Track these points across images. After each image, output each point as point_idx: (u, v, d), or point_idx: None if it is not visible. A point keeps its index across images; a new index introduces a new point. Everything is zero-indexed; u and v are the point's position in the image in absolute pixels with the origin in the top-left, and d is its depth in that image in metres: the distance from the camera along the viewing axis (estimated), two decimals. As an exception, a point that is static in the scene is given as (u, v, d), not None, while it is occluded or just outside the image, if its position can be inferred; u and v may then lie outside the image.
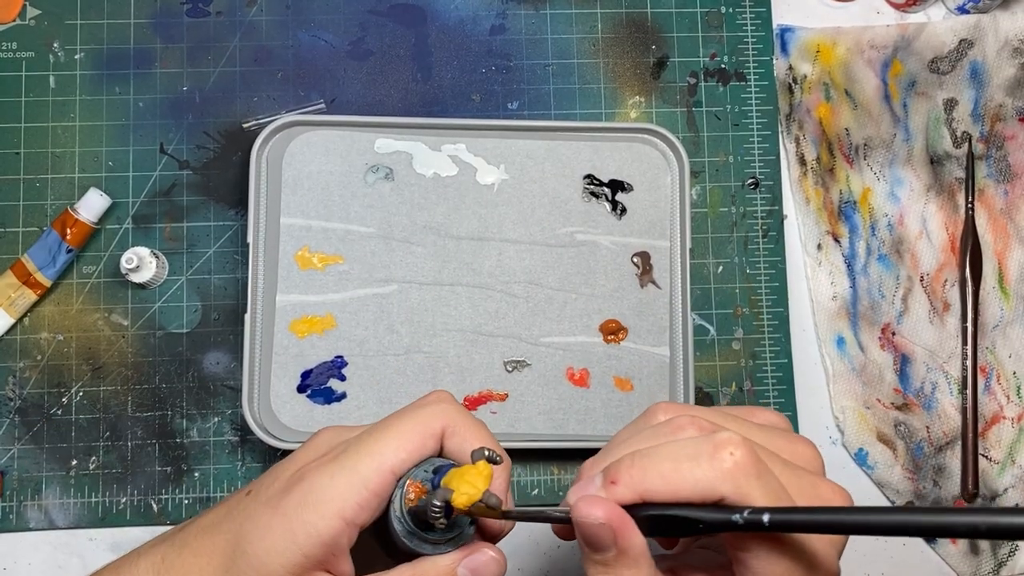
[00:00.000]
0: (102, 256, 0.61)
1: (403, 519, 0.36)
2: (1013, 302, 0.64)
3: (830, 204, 0.65)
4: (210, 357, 0.61)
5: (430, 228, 0.60)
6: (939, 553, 0.63)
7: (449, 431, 0.37)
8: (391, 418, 0.37)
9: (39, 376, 0.60)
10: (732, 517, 0.30)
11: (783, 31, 0.66)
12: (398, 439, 0.35)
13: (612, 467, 0.32)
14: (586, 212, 0.61)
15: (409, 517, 0.36)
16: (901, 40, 0.65)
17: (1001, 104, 0.64)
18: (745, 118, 0.66)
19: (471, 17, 0.65)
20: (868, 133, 0.65)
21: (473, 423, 0.37)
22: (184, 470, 0.60)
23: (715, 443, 0.31)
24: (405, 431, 0.36)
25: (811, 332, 0.65)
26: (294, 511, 0.34)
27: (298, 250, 0.59)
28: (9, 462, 0.59)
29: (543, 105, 0.65)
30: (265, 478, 0.37)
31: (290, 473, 0.36)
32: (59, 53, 0.62)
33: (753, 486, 0.30)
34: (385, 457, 0.35)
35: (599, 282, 0.61)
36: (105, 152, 0.62)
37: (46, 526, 0.59)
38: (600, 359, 0.60)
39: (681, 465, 0.31)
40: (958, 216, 0.64)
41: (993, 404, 0.63)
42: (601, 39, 0.66)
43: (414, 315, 0.59)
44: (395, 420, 0.37)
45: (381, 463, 0.35)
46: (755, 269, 0.64)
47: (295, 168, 0.59)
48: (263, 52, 0.64)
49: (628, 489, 0.31)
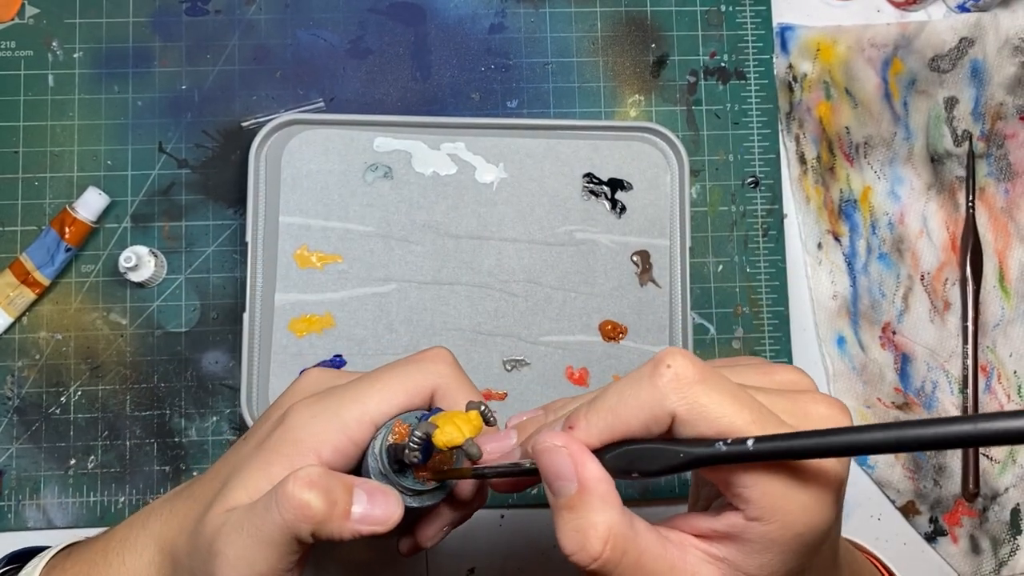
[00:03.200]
0: (101, 255, 0.61)
1: (379, 457, 0.35)
2: (1014, 301, 0.63)
3: (830, 203, 0.65)
4: (209, 356, 0.61)
5: (429, 227, 0.60)
6: (940, 553, 0.63)
7: (440, 393, 0.36)
8: (383, 369, 0.36)
9: (37, 375, 0.60)
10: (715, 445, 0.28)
11: (783, 29, 0.66)
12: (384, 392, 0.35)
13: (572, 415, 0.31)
14: (585, 211, 0.61)
15: (386, 454, 0.35)
16: (901, 38, 0.65)
17: (1002, 102, 0.64)
18: (745, 117, 0.65)
19: (470, 15, 0.65)
20: (868, 132, 0.65)
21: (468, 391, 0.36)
22: (183, 469, 0.60)
23: (654, 362, 0.29)
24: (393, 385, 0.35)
25: (811, 331, 0.65)
26: (273, 447, 0.34)
27: (297, 249, 0.59)
28: (7, 461, 0.59)
29: (542, 104, 0.64)
30: (258, 422, 0.38)
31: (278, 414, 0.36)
32: (58, 52, 0.62)
33: (699, 392, 0.28)
34: (367, 408, 0.35)
35: (598, 281, 0.61)
36: (104, 151, 0.62)
37: (44, 525, 0.59)
38: (599, 358, 0.60)
39: (625, 394, 0.29)
40: (959, 215, 0.64)
41: (994, 403, 0.63)
42: (600, 37, 0.65)
43: (413, 314, 0.59)
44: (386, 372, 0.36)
45: (363, 413, 0.34)
46: (755, 268, 0.64)
47: (294, 167, 0.59)
48: (262, 51, 0.64)
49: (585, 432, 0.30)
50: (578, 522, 0.29)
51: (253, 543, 0.32)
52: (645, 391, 0.29)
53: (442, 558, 0.60)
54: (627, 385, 0.29)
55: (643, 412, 0.29)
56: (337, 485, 0.33)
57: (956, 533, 0.63)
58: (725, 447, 0.28)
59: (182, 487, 0.39)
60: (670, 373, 0.28)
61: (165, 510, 0.37)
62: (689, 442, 0.29)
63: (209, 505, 0.35)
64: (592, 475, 0.29)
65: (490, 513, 0.61)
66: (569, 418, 0.31)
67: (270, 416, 0.37)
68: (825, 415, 0.30)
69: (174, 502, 0.38)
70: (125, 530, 0.38)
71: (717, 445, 0.28)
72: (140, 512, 0.39)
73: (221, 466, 0.37)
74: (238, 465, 0.35)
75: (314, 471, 0.32)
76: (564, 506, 0.30)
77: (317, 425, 0.34)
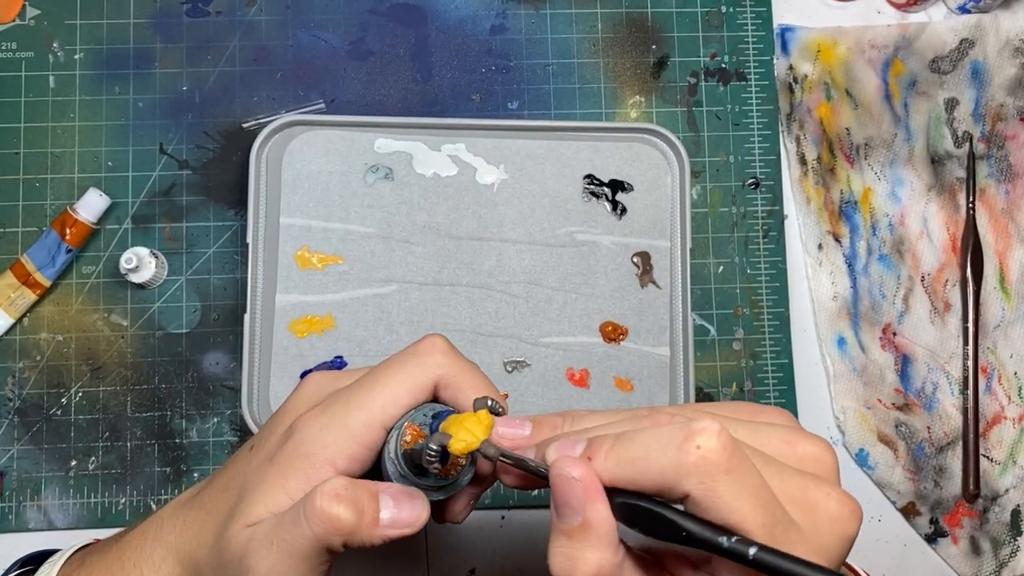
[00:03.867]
0: (101, 256, 0.61)
1: (397, 461, 0.35)
2: (1014, 302, 0.63)
3: (831, 204, 0.65)
4: (209, 357, 0.61)
5: (430, 228, 0.60)
6: (940, 554, 0.63)
7: (443, 383, 0.36)
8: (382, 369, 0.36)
9: (38, 376, 0.60)
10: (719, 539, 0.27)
11: (784, 31, 0.66)
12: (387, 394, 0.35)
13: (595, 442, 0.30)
14: (586, 212, 0.61)
15: (403, 459, 0.35)
16: (902, 40, 0.65)
17: (1002, 104, 0.64)
18: (746, 118, 0.65)
19: (471, 17, 0.65)
20: (869, 133, 0.65)
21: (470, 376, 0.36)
22: (183, 471, 0.60)
23: (687, 431, 0.28)
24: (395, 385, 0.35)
25: (812, 332, 0.65)
26: (287, 462, 0.35)
27: (297, 250, 0.59)
28: (8, 462, 0.59)
29: (543, 105, 0.65)
30: (263, 432, 0.38)
31: (284, 427, 0.36)
32: (59, 53, 0.62)
33: (721, 483, 0.27)
34: (374, 413, 0.35)
35: (599, 282, 0.61)
36: (104, 152, 0.62)
37: (45, 527, 0.59)
38: (600, 359, 0.60)
39: (651, 452, 0.29)
40: (959, 216, 0.64)
41: (994, 404, 0.63)
42: (601, 39, 0.65)
43: (414, 315, 0.59)
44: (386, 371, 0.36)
45: (370, 418, 0.35)
46: (755, 269, 0.64)
47: (295, 168, 0.59)
48: (263, 52, 0.64)
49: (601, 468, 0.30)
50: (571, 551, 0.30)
51: (284, 557, 0.33)
52: (669, 460, 0.28)
53: (442, 558, 0.60)
54: (655, 443, 0.29)
55: (661, 479, 0.28)
56: (363, 494, 0.33)
57: (956, 534, 0.63)
58: (727, 543, 0.27)
59: (190, 495, 0.39)
60: (697, 454, 0.28)
61: (178, 521, 0.38)
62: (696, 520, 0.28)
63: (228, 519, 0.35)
64: (598, 516, 0.29)
65: (490, 514, 0.61)
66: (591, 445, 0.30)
67: (275, 428, 0.37)
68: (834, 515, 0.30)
69: (186, 513, 0.38)
70: (139, 538, 0.38)
71: (721, 539, 0.28)
72: (151, 520, 0.39)
73: (230, 477, 0.37)
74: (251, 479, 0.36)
75: (339, 483, 0.33)
76: (563, 531, 0.30)
77: (327, 437, 0.35)
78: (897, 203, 0.65)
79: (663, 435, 0.29)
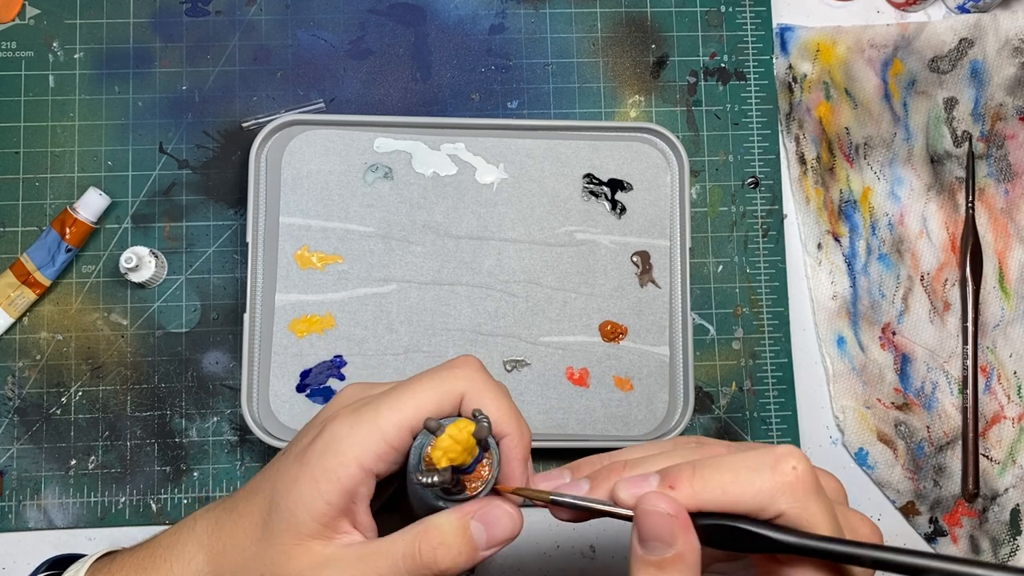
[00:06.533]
0: (101, 255, 0.61)
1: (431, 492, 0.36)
2: (1013, 301, 0.63)
3: (830, 203, 0.65)
4: (209, 357, 0.61)
5: (429, 227, 0.60)
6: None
7: (468, 397, 0.37)
8: (415, 378, 0.38)
9: (38, 376, 0.60)
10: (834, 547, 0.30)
11: (783, 30, 0.66)
12: (417, 399, 0.36)
13: (671, 472, 0.32)
14: (585, 211, 0.61)
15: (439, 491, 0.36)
16: (901, 39, 0.65)
17: (1001, 103, 0.64)
18: (745, 117, 0.65)
19: (470, 16, 0.65)
20: (868, 132, 0.65)
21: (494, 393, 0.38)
22: (183, 470, 0.60)
23: (776, 455, 0.31)
24: (425, 391, 0.37)
25: (811, 332, 0.65)
26: (316, 460, 0.35)
27: (297, 249, 0.59)
28: (8, 462, 0.59)
29: (542, 104, 0.65)
30: (297, 435, 0.39)
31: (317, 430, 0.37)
32: (58, 52, 0.62)
33: (812, 502, 0.30)
34: (404, 415, 0.36)
35: (598, 281, 0.61)
36: (104, 151, 0.62)
37: (45, 526, 0.59)
38: (600, 358, 0.60)
39: (741, 476, 0.31)
40: (958, 215, 0.64)
41: (994, 404, 0.63)
42: (601, 38, 0.65)
43: (413, 315, 0.59)
44: (418, 381, 0.37)
45: (400, 420, 0.36)
46: (755, 268, 0.64)
47: (294, 167, 0.59)
48: (262, 51, 0.64)
49: (687, 496, 0.31)
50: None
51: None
52: (763, 482, 0.31)
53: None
54: (744, 468, 0.31)
55: (755, 500, 0.31)
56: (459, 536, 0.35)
57: (956, 533, 0.63)
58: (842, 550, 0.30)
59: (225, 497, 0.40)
60: (793, 474, 0.31)
61: (211, 520, 0.38)
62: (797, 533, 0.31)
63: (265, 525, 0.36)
64: (691, 547, 0.31)
65: (490, 513, 0.61)
66: (670, 475, 0.32)
67: (309, 431, 0.38)
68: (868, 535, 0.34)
69: (218, 513, 0.39)
70: (172, 537, 0.39)
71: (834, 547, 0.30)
72: (185, 520, 0.40)
73: (262, 478, 0.38)
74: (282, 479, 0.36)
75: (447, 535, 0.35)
76: (653, 563, 0.31)
77: (358, 434, 0.35)
78: (896, 202, 0.65)
79: (752, 460, 0.31)
